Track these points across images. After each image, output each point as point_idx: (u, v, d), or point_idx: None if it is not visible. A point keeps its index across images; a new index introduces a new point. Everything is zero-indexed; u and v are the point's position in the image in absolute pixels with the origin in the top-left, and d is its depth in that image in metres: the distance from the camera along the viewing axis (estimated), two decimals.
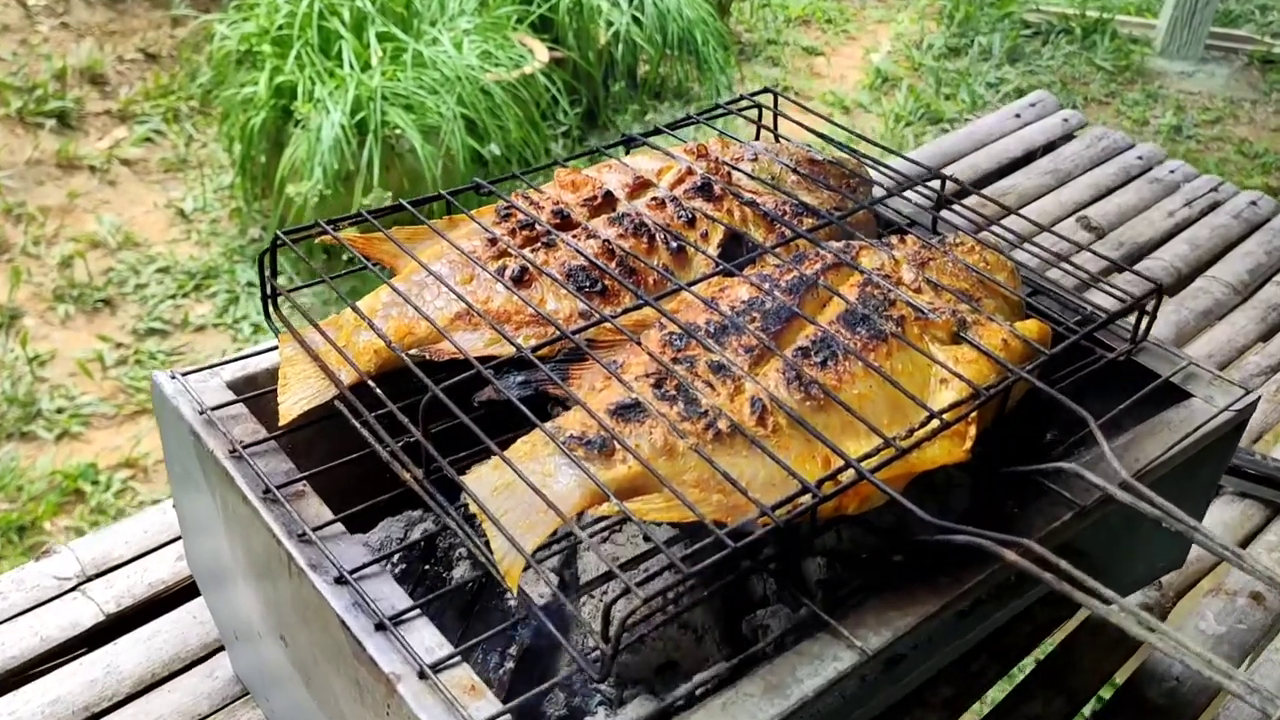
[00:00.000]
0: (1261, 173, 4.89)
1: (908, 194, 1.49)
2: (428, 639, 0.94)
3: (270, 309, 1.18)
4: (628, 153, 1.45)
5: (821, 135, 1.49)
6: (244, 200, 3.95)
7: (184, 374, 1.16)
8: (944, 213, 1.45)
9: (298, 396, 1.11)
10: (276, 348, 1.19)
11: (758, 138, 1.54)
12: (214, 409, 1.13)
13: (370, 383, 1.06)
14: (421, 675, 0.91)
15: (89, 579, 1.46)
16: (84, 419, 3.10)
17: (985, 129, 2.72)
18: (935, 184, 1.44)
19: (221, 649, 1.38)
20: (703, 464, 0.98)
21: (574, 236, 1.22)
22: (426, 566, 1.17)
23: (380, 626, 0.94)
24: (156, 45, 4.87)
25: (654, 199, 1.28)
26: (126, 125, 4.45)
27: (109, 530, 1.53)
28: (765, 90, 1.55)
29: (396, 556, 1.15)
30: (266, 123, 3.77)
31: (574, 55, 4.52)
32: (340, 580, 0.97)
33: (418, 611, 0.96)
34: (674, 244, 1.23)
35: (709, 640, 1.10)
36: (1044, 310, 1.32)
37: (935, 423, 1.04)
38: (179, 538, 1.50)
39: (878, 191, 1.44)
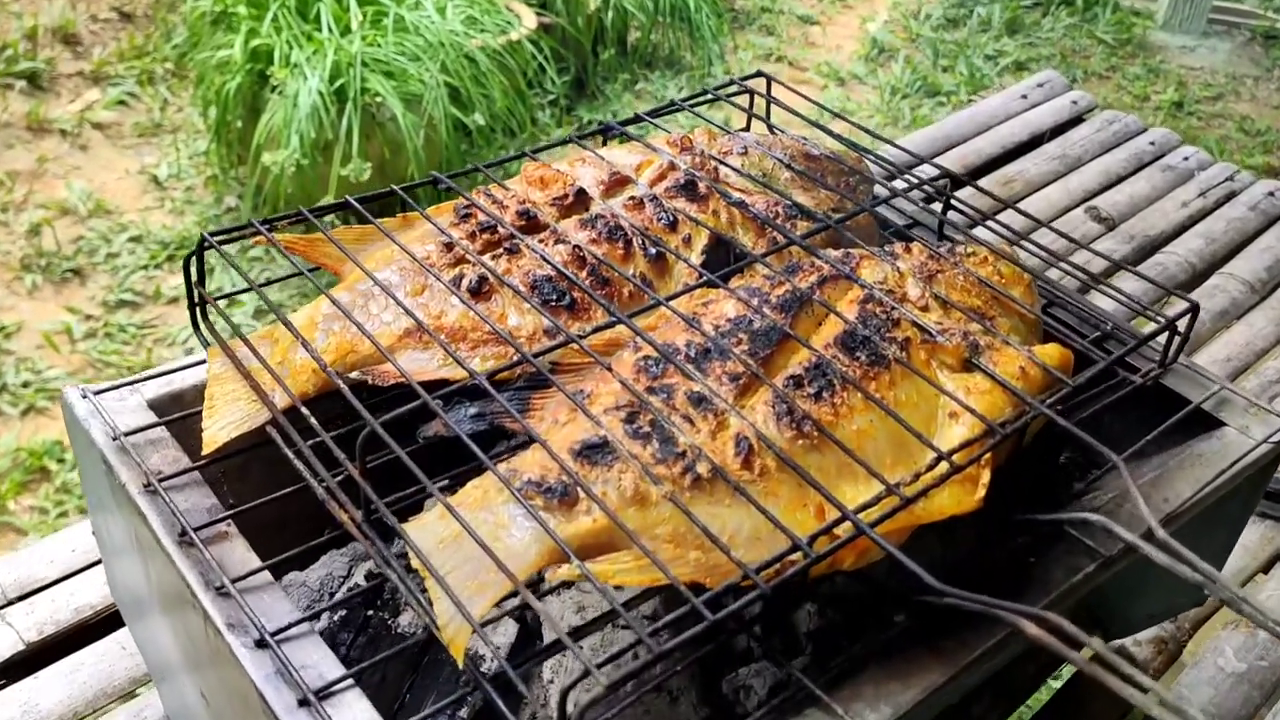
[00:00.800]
0: (1263, 152, 4.76)
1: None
2: (359, 716, 0.81)
3: (199, 318, 1.05)
4: (604, 143, 1.32)
5: (820, 126, 1.35)
6: (220, 168, 3.81)
7: (98, 392, 1.03)
8: (951, 214, 1.32)
9: (225, 421, 0.98)
10: (206, 362, 1.06)
11: (748, 127, 1.41)
12: (130, 434, 1.00)
13: (303, 409, 0.93)
14: None
15: (9, 603, 1.33)
16: (51, 394, 2.97)
17: (989, 110, 2.58)
18: (942, 178, 1.32)
19: (150, 682, 1.26)
20: (679, 515, 0.85)
21: (540, 241, 1.08)
22: (370, 612, 1.04)
23: (304, 702, 0.81)
24: (131, 4, 4.70)
25: (631, 198, 1.15)
26: (99, 87, 4.29)
27: (32, 548, 1.39)
28: (758, 74, 1.42)
29: (336, 599, 1.02)
30: (242, 88, 3.62)
31: (562, 21, 4.37)
32: (261, 644, 0.85)
33: (350, 682, 0.84)
34: (653, 250, 1.10)
35: (685, 703, 0.98)
36: (1061, 322, 1.20)
37: (943, 465, 0.91)
38: None
39: (880, 190, 1.31)
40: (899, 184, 1.30)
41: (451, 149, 3.60)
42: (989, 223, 1.26)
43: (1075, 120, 2.62)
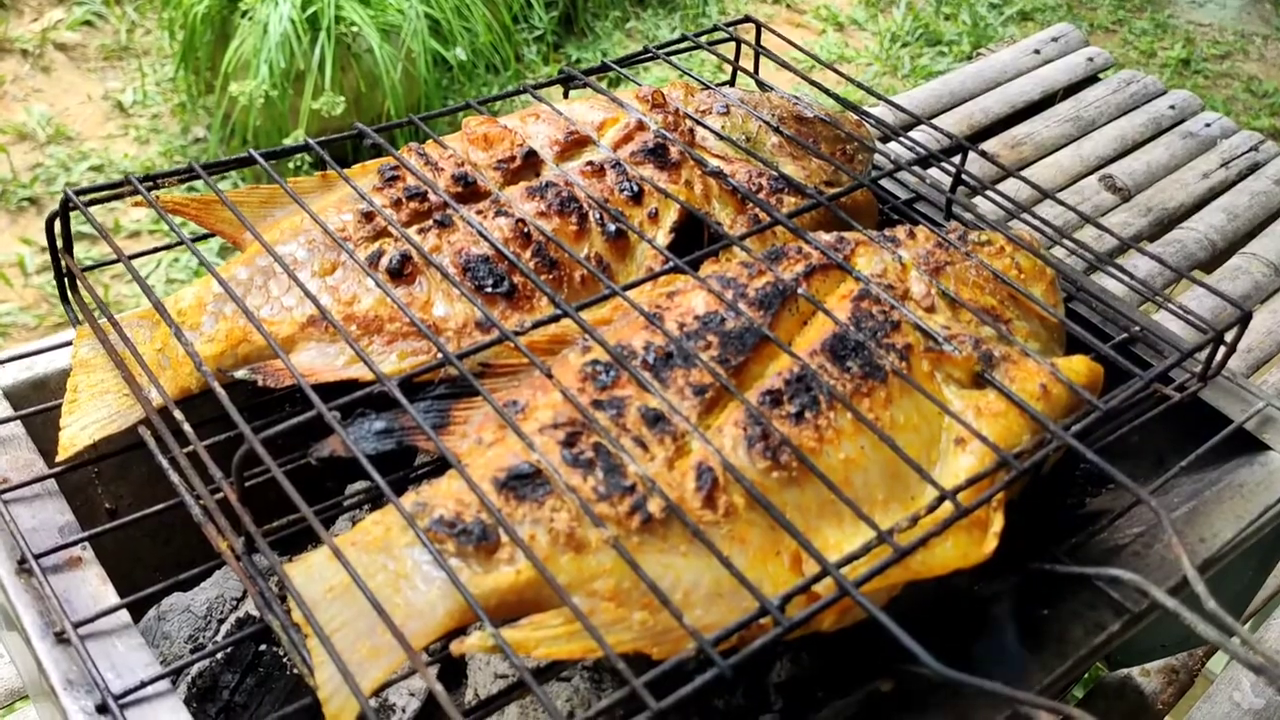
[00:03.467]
0: (1269, 114, 4.59)
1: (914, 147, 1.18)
2: None
3: (68, 291, 0.89)
4: (566, 95, 1.14)
5: (815, 83, 1.18)
6: (187, 95, 3.63)
7: None
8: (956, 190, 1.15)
9: (88, 419, 0.82)
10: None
11: (732, 82, 1.23)
12: None
13: (175, 412, 0.76)
14: None
15: None
16: (2, 330, 2.83)
17: (999, 65, 2.40)
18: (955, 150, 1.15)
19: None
20: (623, 566, 0.69)
21: (478, 212, 0.91)
22: (262, 647, 0.88)
23: None
24: None
25: (590, 163, 0.98)
26: (64, 6, 4.10)
27: None
28: (746, 19, 1.24)
29: (221, 632, 0.86)
30: (211, 11, 3.46)
31: None
32: (103, 709, 0.69)
33: None
34: (612, 227, 0.93)
35: None
36: (1078, 318, 1.04)
37: (947, 506, 0.75)
38: None
39: (882, 162, 1.13)
40: (903, 153, 1.13)
41: (431, 85, 3.43)
42: (995, 194, 1.09)
43: (1090, 79, 2.43)
